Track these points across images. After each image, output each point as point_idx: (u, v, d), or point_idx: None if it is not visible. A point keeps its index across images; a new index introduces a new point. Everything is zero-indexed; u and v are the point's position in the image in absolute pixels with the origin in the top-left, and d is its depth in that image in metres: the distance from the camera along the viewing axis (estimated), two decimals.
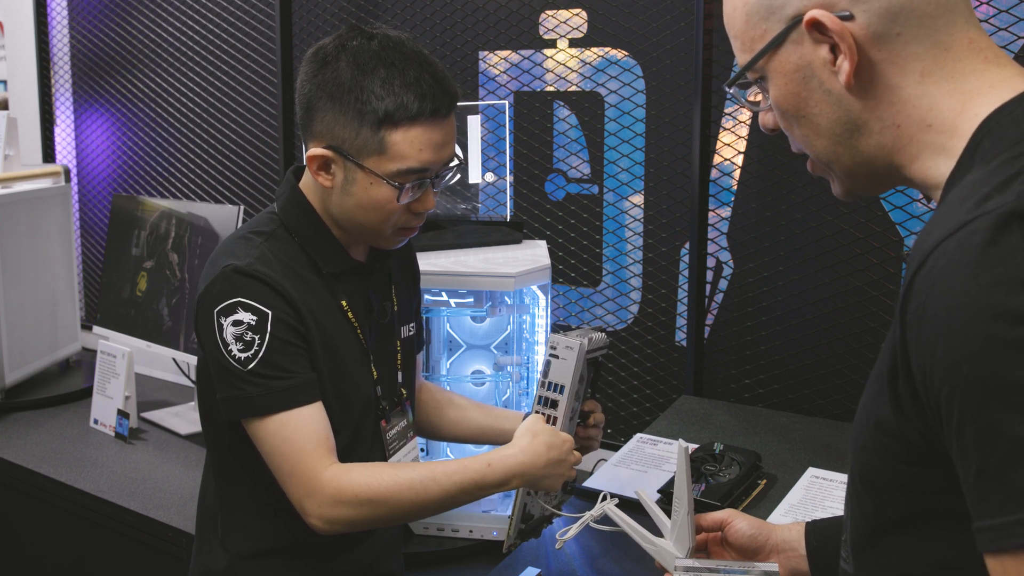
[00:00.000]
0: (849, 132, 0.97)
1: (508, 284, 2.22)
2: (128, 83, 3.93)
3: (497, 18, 3.05)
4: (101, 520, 2.40)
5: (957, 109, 0.91)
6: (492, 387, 2.41)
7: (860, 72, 0.94)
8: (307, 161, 1.59)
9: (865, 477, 0.94)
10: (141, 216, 3.07)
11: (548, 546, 1.92)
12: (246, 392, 1.52)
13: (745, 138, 2.70)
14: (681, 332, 2.86)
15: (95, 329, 3.18)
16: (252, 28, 3.53)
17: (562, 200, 3.02)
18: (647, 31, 2.80)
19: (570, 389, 1.59)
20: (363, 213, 1.58)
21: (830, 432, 2.47)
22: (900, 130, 0.94)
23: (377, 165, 1.54)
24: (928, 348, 0.78)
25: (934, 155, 0.93)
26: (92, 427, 2.86)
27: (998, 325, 0.73)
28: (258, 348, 1.51)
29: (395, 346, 1.77)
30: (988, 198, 0.78)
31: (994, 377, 0.73)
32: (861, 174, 1.01)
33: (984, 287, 0.74)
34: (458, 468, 1.55)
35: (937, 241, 0.80)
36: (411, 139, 1.53)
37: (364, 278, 1.70)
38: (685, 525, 1.39)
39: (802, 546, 1.37)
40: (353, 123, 1.53)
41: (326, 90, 1.54)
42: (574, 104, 2.97)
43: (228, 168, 3.69)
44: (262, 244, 1.59)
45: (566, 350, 1.59)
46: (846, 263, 2.58)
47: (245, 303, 1.52)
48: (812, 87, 0.97)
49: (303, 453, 1.51)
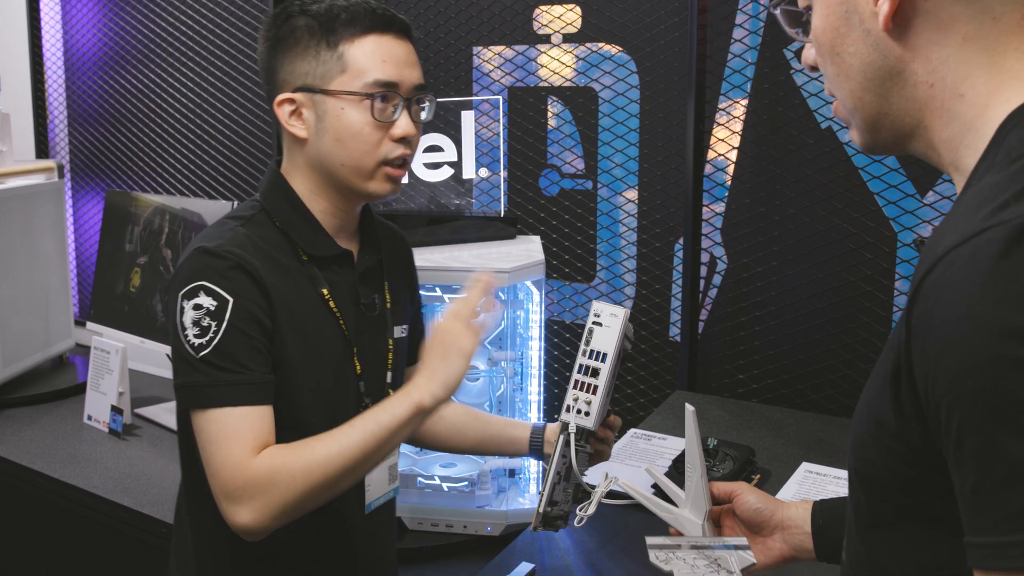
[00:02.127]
0: (881, 79, 0.93)
1: (502, 279, 2.22)
2: (122, 78, 3.93)
3: (491, 13, 3.05)
4: (95, 516, 2.39)
5: (992, 87, 0.87)
6: (486, 383, 2.41)
7: (900, 19, 0.89)
8: (276, 112, 1.57)
9: (861, 472, 0.93)
10: (134, 212, 3.06)
11: (542, 541, 1.92)
12: (195, 380, 1.46)
13: (739, 133, 2.71)
14: (675, 327, 2.86)
15: (89, 325, 3.18)
16: (246, 23, 3.52)
17: (556, 195, 3.02)
18: (641, 26, 2.80)
19: (613, 357, 1.53)
20: (341, 147, 1.55)
21: (824, 427, 2.47)
22: (933, 90, 0.90)
23: (343, 84, 1.53)
24: (932, 357, 0.77)
25: (963, 131, 0.89)
26: (86, 423, 2.85)
27: (1006, 342, 0.71)
28: (213, 335, 1.45)
29: (386, 343, 1.72)
30: (1006, 206, 0.76)
31: (998, 395, 0.72)
32: (886, 127, 0.96)
33: (994, 301, 0.72)
34: (370, 413, 1.46)
35: (949, 246, 0.77)
36: (369, 51, 1.54)
37: (351, 268, 1.65)
38: (700, 489, 1.38)
39: (808, 524, 1.37)
40: (310, 54, 1.54)
41: (279, 39, 1.57)
42: (568, 99, 2.97)
43: (222, 163, 3.69)
44: (238, 227, 1.55)
45: (610, 317, 1.54)
46: (839, 258, 2.59)
47: (208, 287, 1.46)
48: (852, 23, 0.93)
49: (237, 446, 1.43)
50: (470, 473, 2.42)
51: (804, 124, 2.60)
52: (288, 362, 1.53)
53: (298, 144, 1.59)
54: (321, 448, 1.43)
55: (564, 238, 3.01)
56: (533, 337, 2.44)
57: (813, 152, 2.59)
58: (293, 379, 1.54)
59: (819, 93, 2.56)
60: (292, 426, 1.52)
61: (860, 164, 2.54)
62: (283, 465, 1.42)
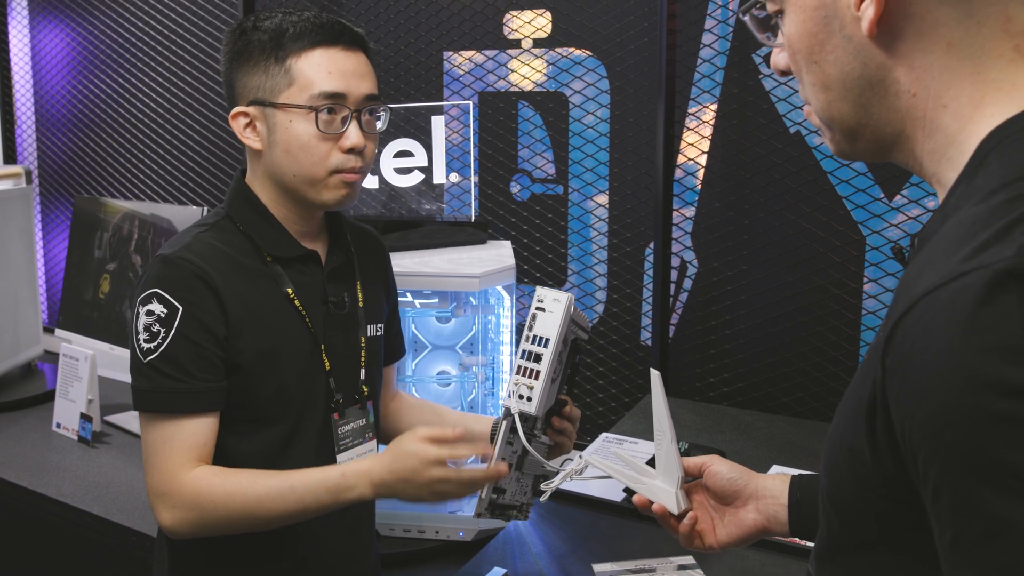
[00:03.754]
0: (861, 89, 0.89)
1: (473, 284, 2.22)
2: (90, 83, 3.90)
3: (462, 18, 3.05)
4: (64, 525, 2.37)
5: (976, 98, 0.84)
6: (457, 388, 2.41)
7: (885, 24, 0.85)
8: (231, 124, 1.62)
9: (835, 497, 0.90)
10: (103, 218, 3.04)
11: (514, 546, 1.92)
12: (140, 385, 1.53)
13: (709, 138, 2.72)
14: (646, 332, 2.87)
15: (57, 332, 3.16)
16: (215, 28, 3.51)
17: (527, 200, 3.03)
18: (611, 31, 2.81)
19: (555, 342, 1.52)
20: (291, 159, 1.58)
21: (793, 430, 2.49)
22: (915, 100, 0.87)
23: (290, 97, 1.56)
24: (910, 404, 0.75)
25: (945, 144, 0.86)
26: (54, 431, 2.83)
27: (985, 395, 0.69)
28: (161, 342, 1.51)
29: (358, 341, 1.74)
30: (987, 246, 0.73)
31: (976, 450, 0.70)
32: (865, 137, 0.92)
33: (973, 351, 0.70)
34: (316, 478, 1.52)
35: (928, 288, 0.74)
36: (315, 63, 1.57)
37: (319, 268, 1.69)
38: (671, 455, 1.35)
39: (784, 496, 1.34)
40: (260, 68, 1.58)
41: (236, 53, 1.61)
42: (539, 104, 2.97)
43: (191, 169, 3.67)
44: (200, 233, 1.61)
45: (553, 303, 1.54)
46: (808, 262, 2.60)
47: (160, 295, 1.52)
48: (832, 29, 0.89)
49: (173, 454, 1.52)
50: None
51: (773, 129, 2.61)
52: (249, 362, 1.58)
53: (256, 155, 1.64)
54: (251, 490, 1.51)
55: (535, 243, 3.02)
56: (504, 342, 2.44)
57: (782, 156, 2.61)
58: (254, 377, 1.58)
59: (788, 98, 2.58)
60: (254, 420, 1.60)
61: (829, 168, 2.56)
62: (208, 491, 1.51)
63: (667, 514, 1.37)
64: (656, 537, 1.94)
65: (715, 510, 1.39)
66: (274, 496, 1.50)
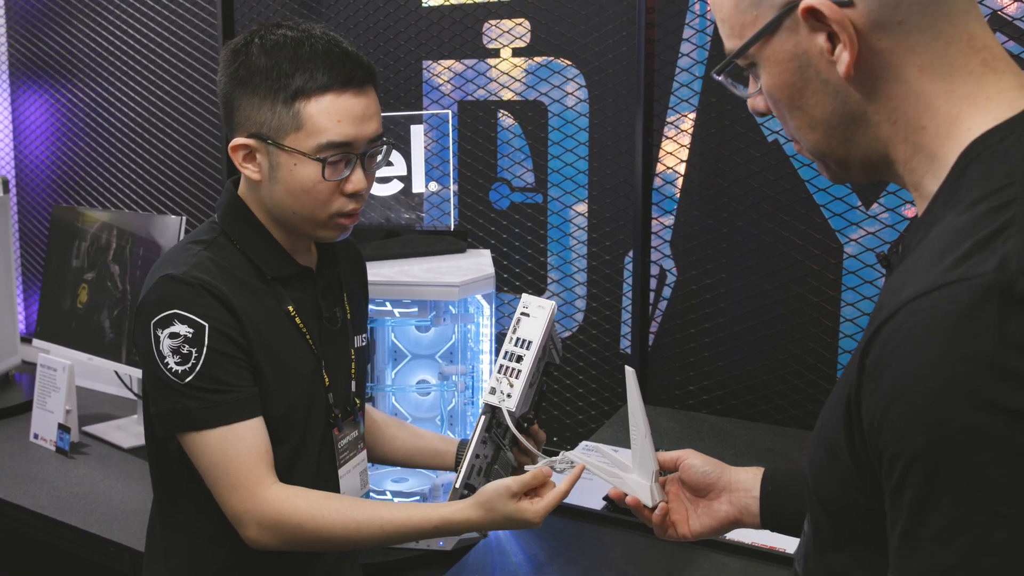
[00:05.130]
0: (845, 124, 0.92)
1: (452, 293, 2.22)
2: (68, 92, 3.89)
3: (441, 27, 3.05)
4: (42, 536, 2.36)
5: (952, 116, 0.87)
6: (437, 397, 2.41)
7: (859, 62, 0.88)
8: (231, 153, 1.56)
9: (820, 495, 0.93)
10: (81, 227, 3.03)
11: (494, 555, 1.92)
12: (185, 406, 1.49)
13: (687, 147, 2.73)
14: (626, 340, 2.88)
15: (35, 342, 3.14)
16: (193, 37, 3.50)
17: (506, 209, 3.03)
18: (590, 40, 2.82)
19: (538, 345, 1.57)
20: (293, 200, 1.55)
21: (772, 437, 2.50)
22: (895, 127, 0.90)
23: (296, 142, 1.51)
24: (882, 405, 0.77)
25: (927, 161, 0.89)
26: (32, 442, 2.81)
27: (958, 405, 0.72)
28: (195, 361, 1.48)
29: (349, 354, 1.74)
30: (969, 256, 0.76)
31: (944, 457, 0.73)
32: (856, 165, 0.96)
33: (950, 361, 0.72)
34: (407, 519, 1.51)
35: (912, 296, 0.77)
36: (325, 110, 1.51)
37: (313, 284, 1.68)
38: (646, 449, 1.40)
39: (756, 488, 1.38)
40: (267, 104, 1.51)
41: (239, 78, 1.54)
42: (518, 113, 2.98)
43: (170, 178, 3.66)
44: (200, 252, 1.56)
45: (538, 309, 1.60)
46: (787, 270, 2.62)
47: (181, 315, 1.49)
48: (808, 77, 0.92)
49: (244, 468, 1.49)
50: (422, 487, 2.41)
51: (751, 137, 2.63)
52: (262, 379, 1.56)
53: (254, 183, 1.59)
54: (340, 523, 1.51)
55: (514, 251, 3.02)
56: (484, 351, 2.44)
57: (760, 165, 2.62)
58: (266, 395, 1.56)
59: None
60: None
61: (807, 177, 2.57)
62: (293, 514, 1.50)
63: (641, 506, 1.41)
64: (637, 546, 1.94)
65: (690, 502, 1.43)
66: (363, 531, 1.51)
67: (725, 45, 0.98)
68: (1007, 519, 0.71)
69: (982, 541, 0.72)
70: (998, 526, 0.71)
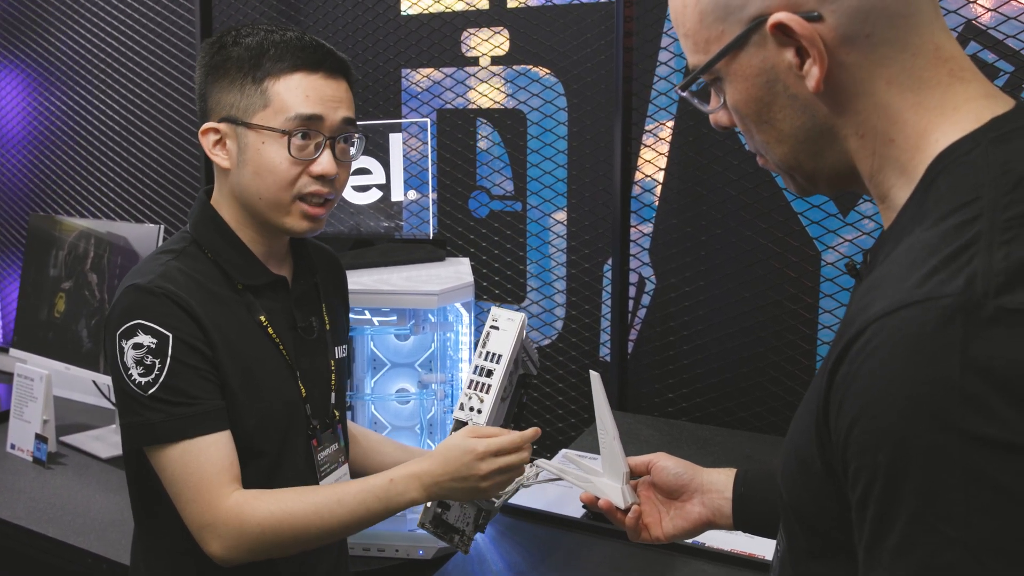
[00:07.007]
0: (813, 138, 0.92)
1: (431, 302, 2.22)
2: (45, 99, 3.87)
3: (420, 36, 3.05)
4: (19, 548, 2.34)
5: (920, 128, 0.87)
6: (416, 405, 2.41)
7: (827, 77, 0.88)
8: (201, 139, 1.58)
9: (794, 505, 0.93)
10: (59, 236, 3.02)
11: (474, 564, 1.92)
12: (148, 419, 1.47)
13: (665, 155, 2.74)
14: (605, 348, 2.88)
15: (11, 352, 3.12)
16: (171, 44, 3.50)
17: (485, 217, 3.03)
18: (568, 49, 2.83)
19: (507, 359, 1.57)
20: (260, 182, 1.54)
21: (751, 444, 2.51)
22: (863, 140, 0.90)
23: (264, 119, 1.52)
24: (847, 420, 0.78)
25: (896, 174, 0.89)
26: (9, 452, 2.79)
27: (919, 426, 0.72)
28: (159, 373, 1.46)
29: (328, 365, 1.72)
30: (935, 272, 0.76)
31: (904, 475, 0.73)
32: (823, 178, 0.96)
33: (914, 383, 0.73)
34: (362, 487, 1.50)
35: (879, 314, 0.77)
36: (293, 87, 1.52)
37: (287, 293, 1.66)
38: (615, 451, 1.40)
39: (728, 490, 1.38)
40: (237, 85, 1.54)
41: (212, 67, 1.57)
42: (497, 121, 2.98)
43: (148, 187, 3.65)
44: (169, 261, 1.55)
45: (507, 322, 1.60)
46: (765, 277, 2.63)
47: (145, 325, 1.47)
48: (776, 91, 0.91)
49: (204, 481, 1.46)
50: None
51: (729, 145, 2.64)
52: (230, 390, 1.54)
53: (223, 173, 1.60)
54: (298, 510, 1.48)
55: (494, 260, 3.02)
56: (463, 359, 2.44)
57: (738, 173, 2.63)
58: (236, 407, 1.54)
59: None
60: (242, 452, 1.54)
61: (784, 184, 2.58)
62: (252, 516, 1.46)
63: (614, 509, 1.42)
64: (618, 554, 1.94)
65: (662, 504, 1.44)
66: (322, 512, 1.47)
67: (689, 60, 0.97)
68: (957, 542, 0.71)
69: (932, 560, 0.72)
70: (949, 548, 0.72)
